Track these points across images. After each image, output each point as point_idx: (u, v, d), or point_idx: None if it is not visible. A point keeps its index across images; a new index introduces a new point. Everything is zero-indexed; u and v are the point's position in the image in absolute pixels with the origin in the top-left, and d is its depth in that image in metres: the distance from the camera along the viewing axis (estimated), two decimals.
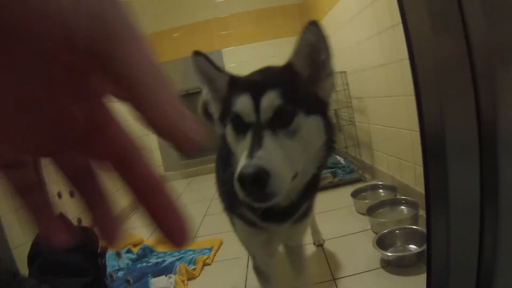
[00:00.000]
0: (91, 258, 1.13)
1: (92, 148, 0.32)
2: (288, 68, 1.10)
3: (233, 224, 1.50)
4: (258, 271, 1.63)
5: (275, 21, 6.44)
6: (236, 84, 1.13)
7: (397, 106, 3.27)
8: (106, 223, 0.37)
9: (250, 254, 1.61)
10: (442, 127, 0.99)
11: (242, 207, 1.24)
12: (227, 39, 6.50)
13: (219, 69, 1.17)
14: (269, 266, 1.63)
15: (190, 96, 6.29)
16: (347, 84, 4.24)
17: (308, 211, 1.38)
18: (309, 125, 1.01)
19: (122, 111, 0.36)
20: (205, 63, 1.16)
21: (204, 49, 4.48)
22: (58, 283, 1.02)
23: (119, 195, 0.40)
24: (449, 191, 1.05)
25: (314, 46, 1.07)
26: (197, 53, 1.17)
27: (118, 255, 3.08)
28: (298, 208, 1.22)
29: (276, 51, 6.13)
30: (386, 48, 3.29)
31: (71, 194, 0.37)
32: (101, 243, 1.26)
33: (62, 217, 0.36)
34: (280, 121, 0.98)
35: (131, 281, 3.04)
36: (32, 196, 0.34)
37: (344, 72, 4.18)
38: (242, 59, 6.30)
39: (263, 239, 1.43)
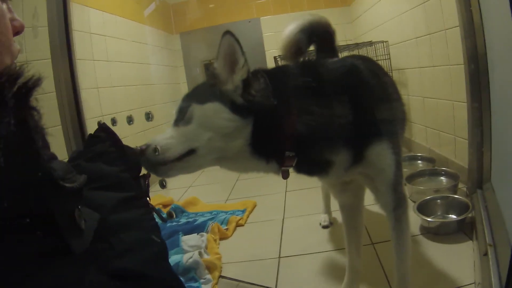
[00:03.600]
0: (133, 176, 1.10)
1: None
2: (211, 74, 1.32)
3: None
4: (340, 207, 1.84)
5: None
6: None
7: (440, 77, 3.20)
8: None
9: None
10: None
11: None
12: (266, 7, 6.41)
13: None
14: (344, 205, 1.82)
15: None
16: (388, 54, 4.16)
17: (361, 159, 1.39)
18: (204, 110, 1.26)
19: None
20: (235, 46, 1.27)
21: (242, 17, 4.51)
22: (94, 195, 0.99)
23: None
24: None
25: (229, 51, 1.25)
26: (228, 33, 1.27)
27: (170, 215, 3.10)
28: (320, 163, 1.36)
29: None
30: (430, 18, 3.21)
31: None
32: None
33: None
34: (181, 116, 1.27)
35: (174, 215, 3.05)
36: None
37: (386, 41, 4.10)
38: (279, 28, 6.18)
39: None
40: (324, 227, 2.68)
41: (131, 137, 3.97)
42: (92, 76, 3.74)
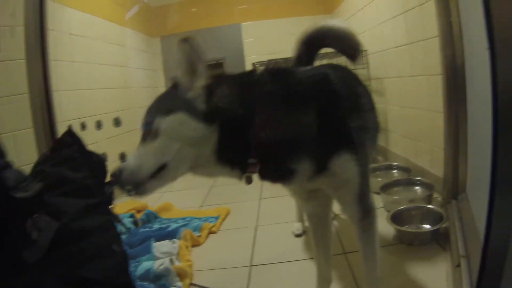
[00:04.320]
0: (97, 182, 1.07)
1: None
2: (172, 83, 1.33)
3: None
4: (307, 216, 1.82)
5: None
6: None
7: (418, 87, 3.20)
8: None
9: None
10: None
11: None
12: (247, 13, 6.38)
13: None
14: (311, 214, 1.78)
15: (207, 68, 6.26)
16: (367, 63, 4.16)
17: (324, 169, 1.37)
18: (169, 122, 1.24)
19: None
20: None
21: (223, 22, 4.48)
22: (57, 201, 0.95)
23: None
24: None
25: (188, 58, 1.26)
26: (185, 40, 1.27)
27: (136, 223, 3.06)
28: (282, 170, 1.35)
29: (295, 29, 6.05)
30: (411, 28, 3.21)
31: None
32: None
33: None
34: (147, 131, 1.26)
35: (140, 223, 3.01)
36: None
37: (365, 50, 4.10)
38: (260, 35, 6.20)
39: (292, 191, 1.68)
40: (297, 235, 2.64)
41: (112, 140, 3.92)
42: (70, 78, 3.67)
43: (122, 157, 1.25)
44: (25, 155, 2.36)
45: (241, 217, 3.21)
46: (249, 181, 1.31)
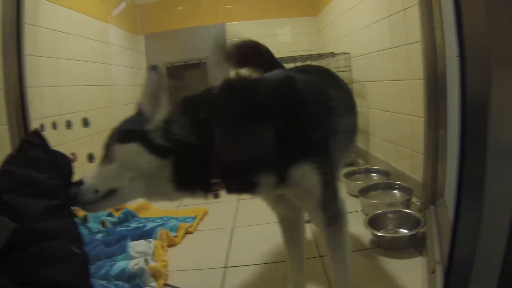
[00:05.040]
0: (62, 184, 1.05)
1: None
2: (137, 111, 1.34)
3: None
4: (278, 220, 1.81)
5: (282, 0, 6.31)
6: None
7: (400, 91, 3.20)
8: None
9: None
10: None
11: None
12: (232, 13, 6.36)
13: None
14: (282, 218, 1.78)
15: (189, 67, 6.23)
16: (350, 66, 4.16)
17: (285, 179, 1.37)
18: (124, 150, 1.26)
19: None
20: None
21: (208, 21, 4.46)
22: (20, 202, 0.92)
23: None
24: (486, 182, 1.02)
25: (154, 89, 1.30)
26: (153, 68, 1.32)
27: (103, 224, 3.01)
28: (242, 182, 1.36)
29: (280, 31, 6.06)
30: (394, 32, 3.21)
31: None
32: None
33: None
34: (107, 153, 1.28)
35: (107, 224, 2.98)
36: None
37: (348, 53, 4.10)
38: (245, 35, 6.14)
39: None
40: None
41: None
42: (52, 75, 3.62)
43: (91, 158, 1.26)
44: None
45: (219, 218, 3.19)
46: (216, 196, 1.32)
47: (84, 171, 1.34)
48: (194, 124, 1.28)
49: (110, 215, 3.19)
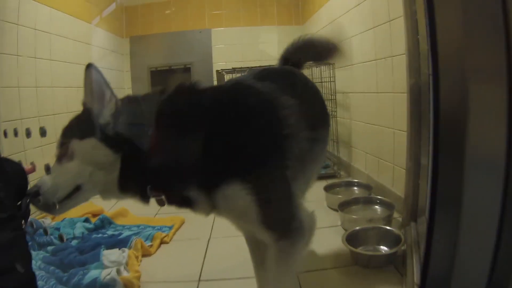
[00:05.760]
0: (14, 195, 0.98)
1: None
2: (84, 109, 1.34)
3: None
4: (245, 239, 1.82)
5: (269, 8, 6.29)
6: None
7: (384, 104, 3.17)
8: None
9: None
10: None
11: None
12: (219, 19, 6.31)
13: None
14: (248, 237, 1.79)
15: (173, 72, 6.19)
16: (334, 76, 4.12)
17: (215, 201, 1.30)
18: (83, 145, 1.27)
19: None
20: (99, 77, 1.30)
21: (194, 26, 4.41)
22: None
23: None
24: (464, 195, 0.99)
25: (95, 85, 1.28)
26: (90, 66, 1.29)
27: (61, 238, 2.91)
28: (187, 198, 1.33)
29: (265, 38, 6.03)
30: (379, 44, 3.18)
31: None
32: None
33: None
34: (63, 151, 1.29)
35: (64, 238, 2.90)
36: None
37: (332, 64, 4.06)
38: (230, 42, 6.14)
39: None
40: None
41: None
42: (33, 75, 3.59)
43: (48, 169, 1.19)
44: None
45: (195, 228, 3.10)
46: (161, 203, 1.30)
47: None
48: (137, 122, 1.29)
49: (87, 220, 3.15)
